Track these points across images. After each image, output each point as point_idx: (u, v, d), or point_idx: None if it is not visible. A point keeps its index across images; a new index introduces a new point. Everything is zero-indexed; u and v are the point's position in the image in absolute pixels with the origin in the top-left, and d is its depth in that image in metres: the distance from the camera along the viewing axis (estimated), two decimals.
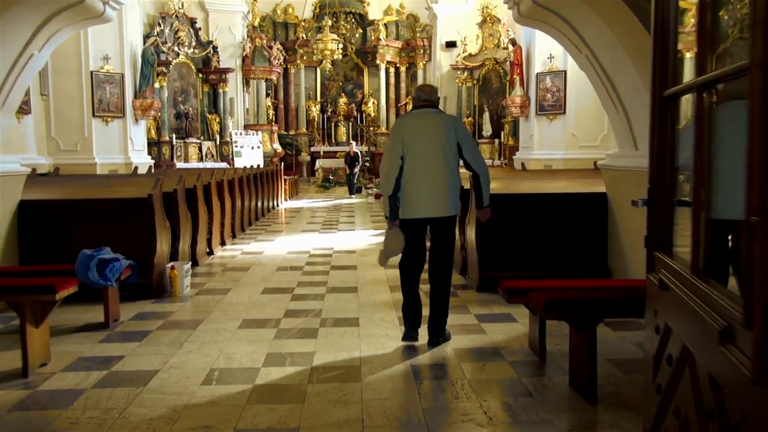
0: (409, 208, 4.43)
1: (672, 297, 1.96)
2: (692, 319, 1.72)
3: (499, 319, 5.23)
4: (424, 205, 4.40)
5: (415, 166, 4.37)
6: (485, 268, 6.22)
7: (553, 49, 13.23)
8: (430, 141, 4.33)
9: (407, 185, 4.39)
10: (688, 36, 2.06)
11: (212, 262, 8.10)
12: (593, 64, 5.76)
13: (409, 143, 4.34)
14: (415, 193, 4.38)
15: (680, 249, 2.15)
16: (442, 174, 4.36)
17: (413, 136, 4.36)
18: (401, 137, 4.37)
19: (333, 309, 5.62)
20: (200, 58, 18.60)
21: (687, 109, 2.09)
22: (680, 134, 2.09)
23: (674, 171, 2.11)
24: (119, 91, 12.80)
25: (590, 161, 12.67)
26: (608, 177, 6.29)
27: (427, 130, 4.36)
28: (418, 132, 4.37)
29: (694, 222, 1.87)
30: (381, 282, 6.74)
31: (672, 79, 2.06)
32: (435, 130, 4.35)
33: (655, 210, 2.27)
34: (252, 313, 5.48)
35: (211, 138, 18.92)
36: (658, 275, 2.17)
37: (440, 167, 4.36)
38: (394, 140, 4.41)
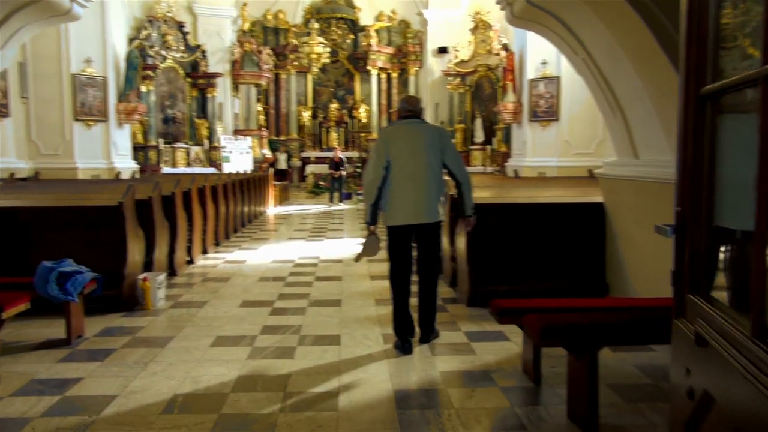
0: (395, 215, 4.51)
1: (715, 358, 1.54)
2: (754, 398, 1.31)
3: (491, 338, 4.91)
4: (410, 213, 4.47)
5: (401, 175, 4.44)
6: (476, 280, 5.90)
7: (546, 54, 12.99)
8: (416, 150, 4.42)
9: (393, 193, 4.47)
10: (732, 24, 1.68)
11: (192, 271, 7.75)
12: (590, 67, 5.47)
13: (394, 153, 4.42)
14: (400, 201, 4.46)
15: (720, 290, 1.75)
16: (427, 182, 4.44)
17: (399, 145, 4.44)
18: (386, 147, 4.44)
19: (314, 325, 5.28)
20: (188, 63, 18.28)
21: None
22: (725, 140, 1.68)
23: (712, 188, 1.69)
24: (102, 95, 12.44)
25: (584, 168, 12.43)
26: (606, 186, 6.00)
27: (412, 140, 4.45)
28: (404, 141, 4.45)
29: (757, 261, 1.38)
30: (366, 295, 6.41)
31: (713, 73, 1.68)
32: (420, 140, 4.44)
33: (689, 239, 1.84)
34: (227, 329, 5.14)
35: (199, 143, 18.58)
36: (693, 326, 1.73)
37: (425, 175, 4.43)
38: (380, 150, 4.47)
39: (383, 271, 7.73)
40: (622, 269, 5.72)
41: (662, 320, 3.30)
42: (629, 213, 5.61)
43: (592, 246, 6.09)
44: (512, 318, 3.87)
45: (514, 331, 4.82)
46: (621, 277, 5.73)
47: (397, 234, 4.56)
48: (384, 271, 7.68)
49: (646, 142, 5.20)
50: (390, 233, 4.59)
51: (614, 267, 5.88)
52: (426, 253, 4.64)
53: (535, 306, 3.86)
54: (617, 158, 5.85)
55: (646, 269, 5.22)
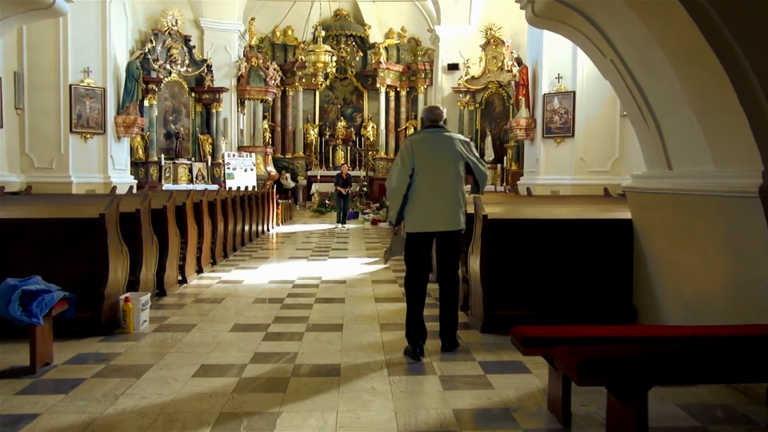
0: (419, 222, 4.59)
1: None
2: None
3: (509, 369, 4.34)
4: (434, 220, 4.58)
5: (427, 183, 4.53)
6: (491, 304, 5.35)
7: (561, 68, 12.54)
8: (443, 159, 4.54)
9: (416, 201, 4.55)
10: None
11: (183, 291, 7.22)
12: (620, 69, 4.96)
13: (420, 161, 4.50)
14: (425, 209, 4.55)
15: None
16: (453, 190, 4.58)
17: (426, 154, 4.53)
18: (412, 156, 4.52)
19: (311, 352, 4.73)
20: (193, 77, 17.96)
21: None
22: None
23: None
24: (100, 107, 12.03)
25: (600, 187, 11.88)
26: (635, 201, 5.45)
27: (439, 149, 4.56)
28: (431, 151, 4.54)
29: None
30: (370, 319, 5.86)
31: None
32: (448, 149, 4.56)
33: None
34: (213, 357, 4.59)
35: (202, 159, 18.18)
36: None
37: (451, 184, 4.57)
38: (405, 158, 4.54)
39: (388, 293, 7.25)
40: (652, 293, 5.15)
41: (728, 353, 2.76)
42: (662, 230, 5.06)
43: (617, 267, 5.53)
44: (540, 349, 3.32)
45: (535, 361, 4.28)
46: (651, 301, 5.16)
47: (419, 240, 4.64)
48: (389, 293, 7.20)
49: (683, 151, 4.67)
50: (411, 239, 4.64)
51: (643, 290, 5.32)
52: (447, 260, 4.73)
53: (566, 335, 3.31)
54: (648, 170, 5.31)
55: (684, 293, 4.66)
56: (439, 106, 4.95)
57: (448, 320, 4.75)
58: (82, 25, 11.51)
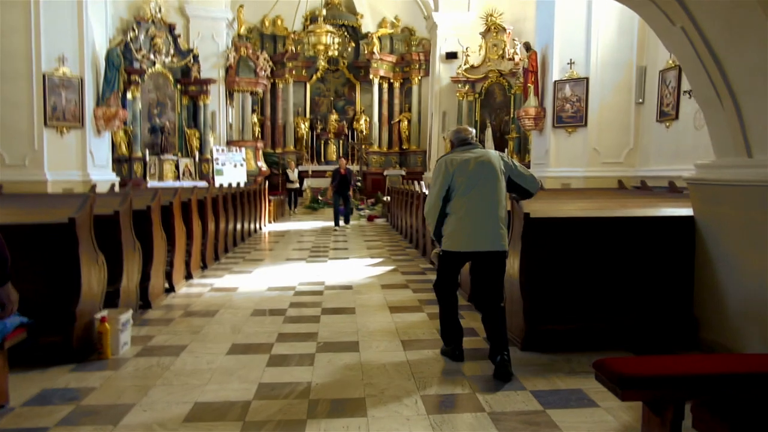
0: (457, 241, 4.23)
1: None
2: None
3: (571, 401, 3.57)
4: (472, 240, 4.18)
5: (466, 202, 4.19)
6: (533, 317, 4.57)
7: (573, 53, 11.74)
8: (485, 177, 4.21)
9: (456, 220, 4.21)
10: None
11: (171, 303, 6.38)
12: (692, 38, 4.18)
13: (459, 181, 4.21)
14: (463, 228, 4.18)
15: None
16: (497, 209, 4.21)
17: (464, 173, 4.22)
18: (449, 176, 4.24)
19: (327, 382, 3.93)
20: (179, 68, 17.00)
21: None
22: None
23: None
24: (77, 98, 11.07)
25: (613, 179, 11.16)
26: (700, 195, 4.68)
27: (480, 166, 4.23)
28: (470, 169, 4.22)
29: None
30: (389, 334, 5.07)
31: None
32: (489, 166, 4.24)
33: None
34: (209, 391, 3.78)
35: (189, 155, 17.25)
36: None
37: (494, 202, 4.20)
38: (440, 179, 4.27)
39: (402, 300, 6.44)
40: (720, 302, 4.40)
41: None
42: (733, 229, 4.30)
43: (675, 271, 4.78)
44: (645, 392, 2.53)
45: (598, 388, 3.53)
46: (719, 311, 4.41)
47: (455, 259, 4.34)
48: (404, 301, 6.39)
49: None
50: (447, 257, 4.34)
51: (707, 298, 4.56)
52: (488, 287, 4.22)
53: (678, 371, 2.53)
54: (717, 158, 4.54)
55: (760, 305, 3.91)
56: (466, 128, 4.58)
57: (498, 345, 4.10)
58: (55, 9, 10.53)
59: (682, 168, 9.59)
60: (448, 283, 4.42)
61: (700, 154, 9.25)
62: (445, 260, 4.37)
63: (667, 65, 10.29)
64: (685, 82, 9.71)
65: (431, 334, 5.04)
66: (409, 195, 11.40)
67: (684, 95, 9.64)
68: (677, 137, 9.92)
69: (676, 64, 9.99)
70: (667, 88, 10.28)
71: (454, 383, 3.89)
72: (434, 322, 5.36)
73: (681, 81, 9.85)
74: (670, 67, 10.21)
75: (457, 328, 4.40)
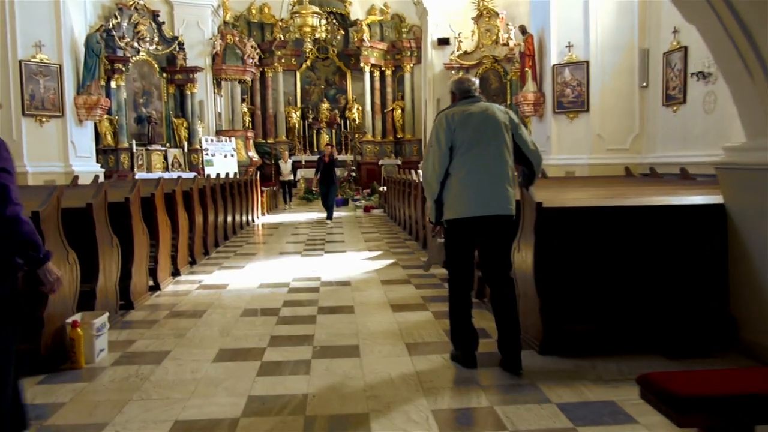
0: (461, 206, 3.78)
1: None
2: None
3: (604, 416, 3.15)
4: (480, 202, 3.76)
5: (470, 162, 3.77)
6: (551, 317, 4.15)
7: (572, 36, 11.32)
8: (489, 132, 3.81)
9: (459, 183, 3.78)
10: None
11: (156, 302, 5.94)
12: (717, 7, 3.76)
13: (461, 138, 3.78)
14: (468, 191, 3.75)
15: None
16: (504, 167, 3.82)
17: (467, 129, 3.80)
18: (450, 132, 3.80)
19: (325, 394, 3.51)
20: (164, 56, 16.47)
21: None
22: None
23: None
24: (56, 86, 10.53)
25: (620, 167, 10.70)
26: (731, 181, 4.26)
27: (484, 121, 3.82)
28: (474, 124, 3.81)
29: None
30: (392, 336, 4.64)
31: None
32: (493, 120, 3.84)
33: None
34: (192, 406, 3.34)
35: (178, 145, 16.74)
36: None
37: (501, 160, 3.82)
38: (440, 136, 3.83)
39: (404, 297, 6.00)
40: (761, 299, 3.99)
41: None
42: None
43: (706, 264, 4.37)
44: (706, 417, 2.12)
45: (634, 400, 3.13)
46: (760, 310, 4.00)
47: (461, 230, 3.83)
48: (406, 298, 5.95)
49: None
50: (452, 229, 3.88)
51: (746, 295, 4.15)
52: (496, 256, 3.85)
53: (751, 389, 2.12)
54: (749, 141, 4.13)
55: None
56: (469, 77, 4.18)
57: (509, 336, 3.84)
58: None
59: (693, 154, 9.21)
60: (461, 268, 3.89)
61: (711, 139, 8.85)
62: (452, 235, 3.87)
63: (672, 47, 9.88)
64: (692, 64, 9.31)
65: (438, 335, 4.63)
66: (407, 185, 10.96)
67: (692, 77, 9.23)
68: (685, 122, 9.52)
69: (681, 45, 9.58)
70: (673, 70, 9.87)
71: (469, 394, 3.47)
72: (440, 322, 4.95)
73: (687, 63, 9.44)
74: (674, 49, 9.80)
75: (470, 330, 3.93)
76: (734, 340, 4.11)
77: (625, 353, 4.03)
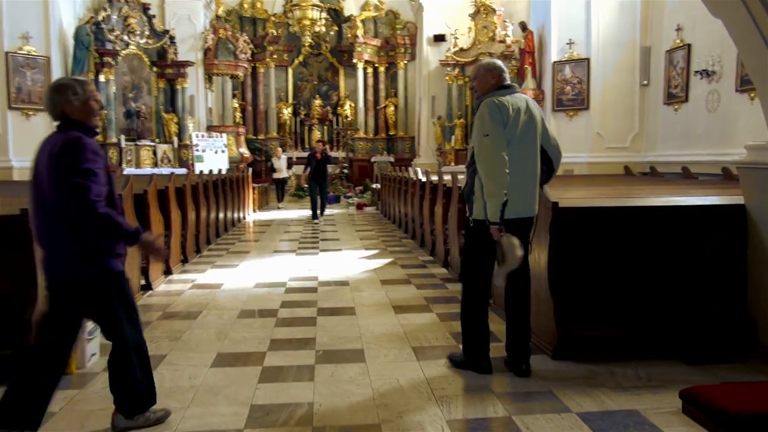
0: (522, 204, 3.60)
1: None
2: None
3: (627, 426, 2.99)
4: (529, 203, 3.67)
5: (518, 160, 3.57)
6: (566, 321, 3.98)
7: (572, 33, 11.18)
8: (532, 131, 3.66)
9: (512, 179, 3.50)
10: None
11: (148, 302, 5.72)
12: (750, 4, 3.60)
13: (512, 133, 3.56)
14: (517, 191, 3.54)
15: None
16: (538, 166, 3.71)
17: (517, 124, 3.59)
18: (504, 120, 3.55)
19: (331, 403, 3.31)
20: (154, 50, 16.15)
21: None
22: None
23: None
24: (44, 78, 10.26)
25: (618, 165, 10.62)
26: (753, 181, 4.11)
27: (524, 115, 3.63)
28: (518, 117, 3.60)
29: None
30: (398, 339, 4.46)
31: None
32: (532, 116, 3.67)
33: None
34: (191, 417, 3.14)
35: (167, 140, 16.43)
36: None
37: (537, 158, 3.69)
38: (498, 126, 3.52)
39: (407, 298, 5.78)
40: None
41: None
42: None
43: (724, 266, 4.21)
44: None
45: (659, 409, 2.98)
46: None
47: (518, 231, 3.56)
48: (408, 299, 5.76)
49: None
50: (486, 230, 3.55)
51: (765, 298, 4.01)
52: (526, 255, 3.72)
53: None
54: None
55: None
56: (501, 63, 3.84)
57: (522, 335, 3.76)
58: None
59: (694, 153, 9.10)
60: (487, 273, 3.69)
61: (715, 138, 8.74)
62: (485, 236, 3.53)
63: (675, 44, 9.76)
64: (695, 62, 9.20)
65: (445, 339, 4.45)
66: (403, 182, 10.77)
67: (695, 75, 9.11)
68: (687, 120, 9.40)
69: (684, 43, 9.47)
70: (675, 68, 9.76)
71: (484, 403, 3.29)
72: (446, 325, 4.78)
73: (690, 61, 9.33)
74: (677, 47, 9.69)
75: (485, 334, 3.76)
76: (754, 343, 3.97)
77: (642, 358, 3.88)
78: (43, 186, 2.73)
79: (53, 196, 2.68)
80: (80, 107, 2.80)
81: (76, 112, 2.79)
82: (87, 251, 2.75)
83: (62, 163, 2.65)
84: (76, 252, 2.74)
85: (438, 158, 18.18)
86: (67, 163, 2.64)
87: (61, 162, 2.65)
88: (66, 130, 2.76)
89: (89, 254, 2.76)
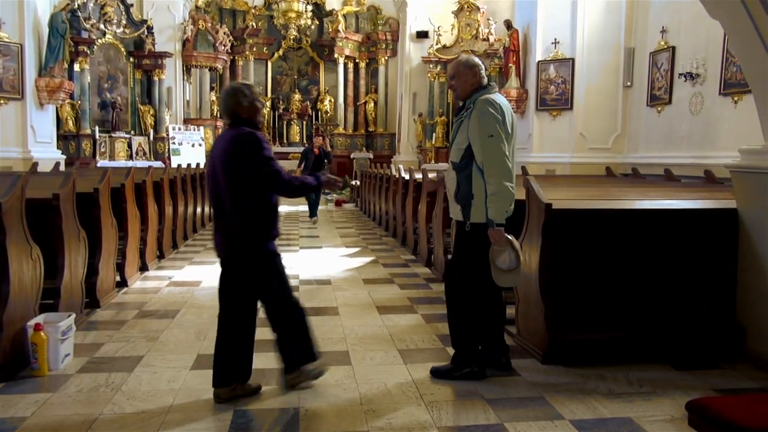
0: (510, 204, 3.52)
1: None
2: None
3: None
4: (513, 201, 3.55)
5: (510, 155, 3.50)
6: (556, 325, 3.91)
7: (558, 32, 11.16)
8: (515, 131, 3.61)
9: None
10: None
11: (123, 300, 5.53)
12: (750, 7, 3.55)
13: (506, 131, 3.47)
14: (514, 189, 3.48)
15: None
16: None
17: (508, 123, 3.51)
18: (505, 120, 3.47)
19: (318, 409, 3.20)
20: (131, 40, 15.83)
21: None
22: None
23: None
24: (16, 66, 9.93)
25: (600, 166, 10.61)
26: (746, 186, 4.07)
27: (513, 119, 3.59)
28: (512, 120, 3.56)
29: None
30: (383, 341, 4.35)
31: None
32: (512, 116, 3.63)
33: None
34: (171, 422, 3.00)
35: (143, 133, 16.12)
36: None
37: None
38: (501, 123, 3.43)
39: (390, 298, 5.66)
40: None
41: None
42: None
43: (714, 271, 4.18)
44: None
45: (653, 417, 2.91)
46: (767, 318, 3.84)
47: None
48: (392, 299, 5.64)
49: None
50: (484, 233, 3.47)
51: (754, 303, 3.98)
52: None
53: None
54: None
55: None
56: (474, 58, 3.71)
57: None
58: None
59: (677, 155, 9.13)
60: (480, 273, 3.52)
61: (697, 140, 8.77)
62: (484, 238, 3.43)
63: (659, 47, 9.78)
64: (679, 65, 9.22)
65: (432, 341, 4.35)
66: (385, 180, 10.66)
67: (679, 78, 9.14)
68: (670, 122, 9.43)
69: (669, 45, 9.49)
70: (659, 70, 9.78)
71: (475, 409, 3.19)
72: (432, 327, 4.69)
73: (675, 63, 9.36)
74: (661, 49, 9.71)
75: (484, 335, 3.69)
76: (742, 350, 3.94)
77: (631, 362, 3.83)
78: (218, 177, 3.17)
79: (226, 184, 3.14)
80: (248, 107, 3.25)
81: (245, 111, 3.25)
82: (254, 236, 3.35)
83: (245, 156, 3.11)
84: (245, 236, 3.32)
85: (418, 156, 18.12)
86: (251, 156, 3.12)
87: (244, 153, 3.11)
88: (237, 127, 3.22)
89: (255, 238, 3.37)
